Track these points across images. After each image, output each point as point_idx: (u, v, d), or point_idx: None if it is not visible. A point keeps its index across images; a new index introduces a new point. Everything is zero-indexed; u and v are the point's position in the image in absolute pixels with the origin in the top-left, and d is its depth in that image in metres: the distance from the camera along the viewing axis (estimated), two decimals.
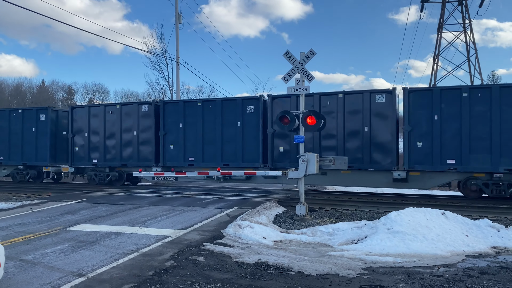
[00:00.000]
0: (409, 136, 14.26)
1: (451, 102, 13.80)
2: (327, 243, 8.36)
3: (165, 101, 19.95)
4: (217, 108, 16.84)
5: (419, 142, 14.16)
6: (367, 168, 14.86)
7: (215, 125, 16.81)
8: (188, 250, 7.32)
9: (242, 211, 11.24)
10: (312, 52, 11.04)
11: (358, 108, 14.91)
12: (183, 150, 17.25)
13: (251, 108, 16.38)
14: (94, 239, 8.14)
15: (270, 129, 15.81)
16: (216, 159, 16.72)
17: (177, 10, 27.92)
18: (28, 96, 57.79)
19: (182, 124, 17.33)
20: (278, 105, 15.78)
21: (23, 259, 6.74)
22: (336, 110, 15.15)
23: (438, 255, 7.30)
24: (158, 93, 38.57)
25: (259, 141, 16.08)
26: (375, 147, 14.75)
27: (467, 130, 13.57)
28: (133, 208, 12.07)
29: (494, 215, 11.29)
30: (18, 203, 13.38)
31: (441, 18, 39.42)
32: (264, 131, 16.04)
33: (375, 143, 14.74)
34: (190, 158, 17.19)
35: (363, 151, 14.85)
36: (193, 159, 17.14)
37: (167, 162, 17.46)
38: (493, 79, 63.18)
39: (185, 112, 17.32)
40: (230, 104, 16.80)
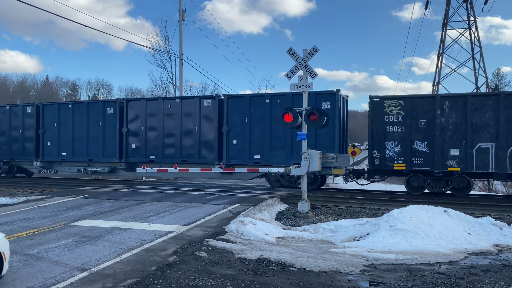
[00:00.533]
0: (227, 136, 16.75)
1: (258, 107, 16.33)
2: (329, 240, 8.39)
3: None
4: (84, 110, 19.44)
5: (234, 141, 16.70)
6: (197, 162, 17.15)
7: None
8: (191, 246, 7.37)
9: (244, 208, 11.28)
10: (316, 49, 11.03)
11: (191, 111, 17.49)
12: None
13: (111, 110, 18.85)
14: (98, 234, 8.21)
15: (124, 128, 18.53)
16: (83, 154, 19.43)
17: (180, 6, 27.93)
18: (32, 92, 57.99)
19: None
20: (131, 108, 18.56)
21: (27, 254, 6.81)
22: (175, 112, 17.71)
23: (440, 253, 7.31)
24: (162, 89, 38.61)
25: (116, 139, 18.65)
26: (203, 144, 17.30)
27: (269, 131, 16.10)
28: (136, 204, 12.13)
29: (497, 213, 11.28)
30: (22, 199, 13.47)
31: (445, 15, 39.23)
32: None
33: (203, 141, 17.28)
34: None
35: (194, 148, 17.39)
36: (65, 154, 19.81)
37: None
38: (498, 77, 62.83)
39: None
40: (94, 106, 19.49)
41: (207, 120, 17.23)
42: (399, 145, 14.47)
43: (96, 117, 19.00)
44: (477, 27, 38.32)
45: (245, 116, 16.47)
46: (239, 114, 16.61)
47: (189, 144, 17.42)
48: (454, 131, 13.83)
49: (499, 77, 62.64)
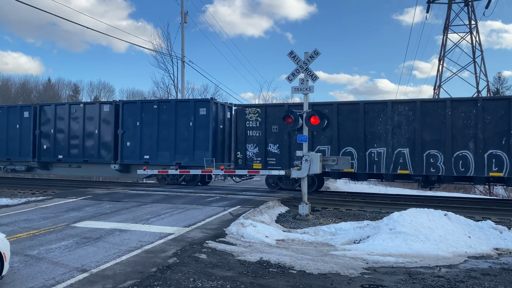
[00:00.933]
0: (122, 138, 18.57)
1: (148, 112, 18.24)
2: (329, 243, 8.39)
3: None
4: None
5: (128, 142, 18.54)
6: (97, 162, 19.20)
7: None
8: (191, 248, 7.38)
9: (245, 210, 11.29)
10: (317, 52, 11.06)
11: (93, 115, 19.24)
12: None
13: (27, 113, 20.44)
14: (98, 236, 8.22)
15: (37, 130, 20.18)
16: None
17: (183, 9, 28.01)
18: (34, 93, 58.11)
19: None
20: (44, 112, 20.23)
21: (28, 254, 6.82)
22: (79, 116, 19.49)
23: (440, 256, 7.32)
24: (163, 91, 38.72)
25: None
26: (102, 145, 18.99)
27: (156, 134, 17.98)
28: (137, 206, 12.15)
29: (497, 217, 11.28)
30: (23, 200, 13.50)
31: (447, 19, 39.28)
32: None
33: (102, 142, 18.99)
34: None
35: (94, 149, 19.14)
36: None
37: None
38: (499, 81, 62.75)
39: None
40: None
41: (105, 123, 19.02)
42: (257, 147, 16.58)
43: (15, 120, 20.74)
44: (478, 31, 38.39)
45: (137, 120, 18.36)
46: (132, 118, 18.50)
47: (90, 145, 19.26)
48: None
49: (500, 81, 62.58)
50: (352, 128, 15.09)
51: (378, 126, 14.83)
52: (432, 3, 40.21)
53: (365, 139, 14.93)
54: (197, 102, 17.78)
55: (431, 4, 40.58)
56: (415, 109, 14.39)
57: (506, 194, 26.59)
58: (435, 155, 14.12)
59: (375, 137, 14.86)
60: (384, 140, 14.74)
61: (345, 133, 15.21)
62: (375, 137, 14.86)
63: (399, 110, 14.65)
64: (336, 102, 15.65)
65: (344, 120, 15.19)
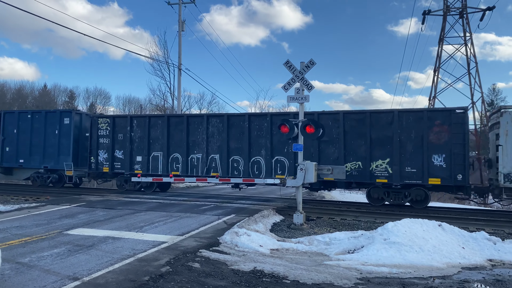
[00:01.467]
0: (2, 143, 20.63)
1: (23, 121, 20.33)
2: (324, 253, 8.37)
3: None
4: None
5: (7, 147, 20.59)
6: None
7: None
8: (184, 257, 7.33)
9: (239, 219, 11.25)
10: (312, 62, 11.13)
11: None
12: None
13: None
14: (91, 243, 8.16)
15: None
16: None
17: (180, 17, 28.15)
18: (29, 99, 57.94)
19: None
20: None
21: (19, 262, 6.75)
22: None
23: (434, 267, 7.31)
24: (160, 99, 38.74)
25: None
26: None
27: (29, 140, 20.01)
28: (130, 213, 12.08)
29: (491, 228, 11.30)
30: (16, 206, 13.39)
31: (442, 31, 39.66)
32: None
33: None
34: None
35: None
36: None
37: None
38: (494, 92, 63.29)
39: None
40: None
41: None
42: (107, 153, 18.64)
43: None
44: (472, 43, 38.76)
45: (15, 128, 20.38)
46: (11, 126, 20.48)
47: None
48: (139, 143, 18.08)
49: (495, 93, 63.13)
50: (179, 136, 17.45)
51: (197, 135, 17.22)
52: (428, 14, 40.63)
53: (187, 146, 17.28)
54: (62, 113, 19.97)
55: (426, 15, 41.03)
56: (224, 121, 16.73)
57: (500, 205, 26.70)
58: (238, 160, 16.45)
59: (195, 145, 17.22)
60: (201, 147, 17.10)
61: (173, 141, 17.56)
62: (195, 144, 17.22)
63: (213, 123, 16.99)
64: (167, 115, 18.66)
65: (173, 130, 17.62)
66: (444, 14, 39.32)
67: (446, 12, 39.13)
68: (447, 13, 39.13)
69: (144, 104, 52.18)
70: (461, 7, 38.59)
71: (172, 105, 35.04)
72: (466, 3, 38.55)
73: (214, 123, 16.90)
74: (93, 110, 58.09)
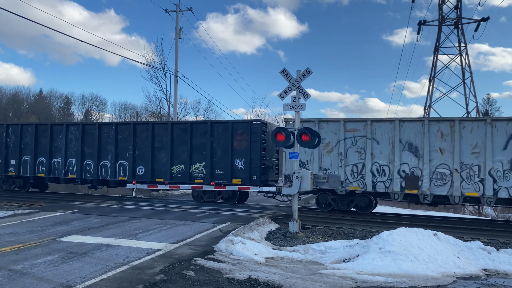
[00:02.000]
0: None
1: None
2: (319, 261, 8.35)
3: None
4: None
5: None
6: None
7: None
8: (179, 265, 7.29)
9: (234, 227, 11.21)
10: (308, 70, 11.19)
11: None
12: None
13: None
14: (85, 251, 8.09)
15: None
16: None
17: (177, 25, 28.25)
18: (25, 104, 57.71)
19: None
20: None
21: (12, 269, 6.68)
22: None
23: (429, 276, 7.31)
24: (156, 105, 38.72)
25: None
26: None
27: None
28: (125, 221, 12.00)
29: (486, 237, 11.32)
30: (9, 212, 13.27)
31: (437, 41, 40.05)
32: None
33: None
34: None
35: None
36: None
37: None
38: (488, 102, 63.81)
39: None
40: None
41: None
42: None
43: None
44: (467, 53, 39.15)
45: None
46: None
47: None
48: (13, 148, 20.05)
49: (490, 103, 63.65)
50: (44, 142, 19.52)
51: (59, 141, 19.28)
52: (423, 25, 41.05)
53: (50, 151, 19.36)
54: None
55: (422, 26, 41.44)
56: (79, 130, 18.95)
57: (495, 214, 26.80)
58: (90, 164, 18.65)
59: (57, 150, 19.31)
60: (62, 152, 19.15)
61: (40, 147, 19.65)
62: (57, 150, 19.31)
63: (72, 130, 19.20)
64: (34, 123, 20.53)
65: (40, 137, 19.68)
66: (440, 25, 39.75)
67: (442, 23, 39.57)
68: (442, 23, 39.56)
69: (140, 111, 52.10)
70: (456, 18, 39.05)
71: (168, 112, 35.05)
72: (461, 14, 39.00)
73: (72, 130, 19.25)
74: (89, 116, 57.94)
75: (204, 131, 16.97)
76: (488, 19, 37.33)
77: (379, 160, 14.48)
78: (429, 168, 13.89)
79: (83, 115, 59.13)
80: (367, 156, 14.54)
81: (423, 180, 13.92)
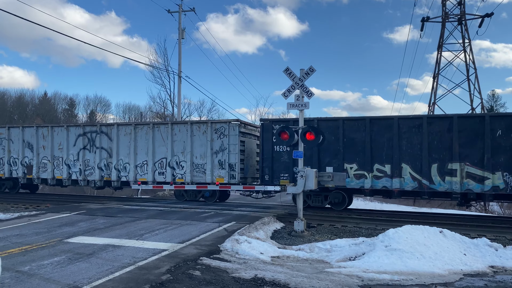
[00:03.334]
0: None
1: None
2: (325, 260, 8.33)
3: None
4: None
5: None
6: None
7: None
8: (185, 264, 7.30)
9: (240, 226, 11.22)
10: (312, 69, 11.17)
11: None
12: None
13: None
14: (91, 252, 8.13)
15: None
16: None
17: (180, 25, 28.29)
18: (30, 107, 57.98)
19: None
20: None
21: (19, 270, 6.73)
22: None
23: (435, 274, 7.28)
24: (160, 106, 38.82)
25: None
26: None
27: None
28: (131, 221, 12.05)
29: (492, 234, 11.26)
30: (16, 214, 13.36)
31: (441, 37, 39.81)
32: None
33: None
34: None
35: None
36: None
37: None
38: (493, 98, 63.49)
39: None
40: None
41: None
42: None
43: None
44: (471, 49, 38.90)
45: None
46: None
47: None
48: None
49: (494, 99, 63.31)
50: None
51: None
52: (427, 21, 40.81)
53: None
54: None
55: (425, 22, 41.22)
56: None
57: (501, 211, 26.64)
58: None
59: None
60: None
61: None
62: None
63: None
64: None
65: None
66: (443, 21, 39.49)
67: (445, 19, 39.32)
68: (446, 20, 39.32)
69: (145, 112, 52.23)
70: (460, 14, 38.80)
71: (172, 113, 35.13)
72: (465, 10, 38.77)
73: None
74: (93, 118, 58.12)
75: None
76: (492, 15, 37.03)
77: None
78: None
79: (87, 117, 59.33)
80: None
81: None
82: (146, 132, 17.89)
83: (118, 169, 18.23)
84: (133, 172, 17.90)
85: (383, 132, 14.38)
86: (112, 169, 18.28)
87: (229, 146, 16.51)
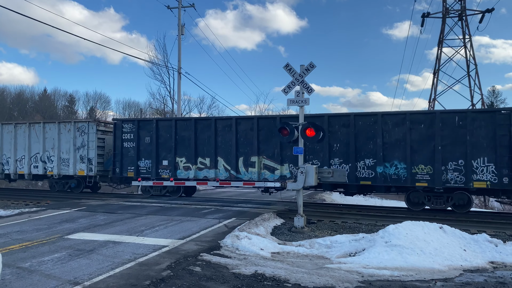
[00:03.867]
0: None
1: None
2: (325, 256, 8.35)
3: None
4: None
5: None
6: None
7: None
8: (185, 260, 7.32)
9: (240, 222, 11.23)
10: (312, 65, 11.14)
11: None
12: None
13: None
14: (92, 248, 8.14)
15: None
16: None
17: (179, 21, 28.19)
18: (30, 103, 57.95)
19: None
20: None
21: (20, 267, 6.74)
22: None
23: (435, 269, 7.29)
24: (160, 103, 38.77)
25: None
26: None
27: None
28: (131, 217, 12.06)
29: (492, 230, 11.28)
30: (16, 211, 13.37)
31: (441, 33, 39.68)
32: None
33: None
34: None
35: None
36: None
37: None
38: (494, 94, 63.41)
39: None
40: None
41: None
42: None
43: None
44: (472, 45, 38.79)
45: None
46: None
47: None
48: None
49: (495, 95, 63.24)
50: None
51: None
52: (427, 17, 40.66)
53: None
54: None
55: (425, 18, 41.08)
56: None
57: (501, 207, 26.65)
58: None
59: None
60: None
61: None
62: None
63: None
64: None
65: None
66: (443, 17, 39.37)
67: (445, 15, 39.20)
68: (446, 15, 39.20)
69: (144, 108, 52.19)
70: (460, 10, 38.67)
71: (172, 109, 35.08)
72: (465, 5, 38.63)
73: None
74: (93, 115, 58.11)
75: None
76: (493, 10, 36.90)
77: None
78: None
79: (87, 113, 59.31)
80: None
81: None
82: (24, 130, 20.12)
83: (1, 163, 20.61)
84: (13, 166, 20.20)
85: (205, 130, 17.08)
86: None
87: (88, 143, 18.91)
